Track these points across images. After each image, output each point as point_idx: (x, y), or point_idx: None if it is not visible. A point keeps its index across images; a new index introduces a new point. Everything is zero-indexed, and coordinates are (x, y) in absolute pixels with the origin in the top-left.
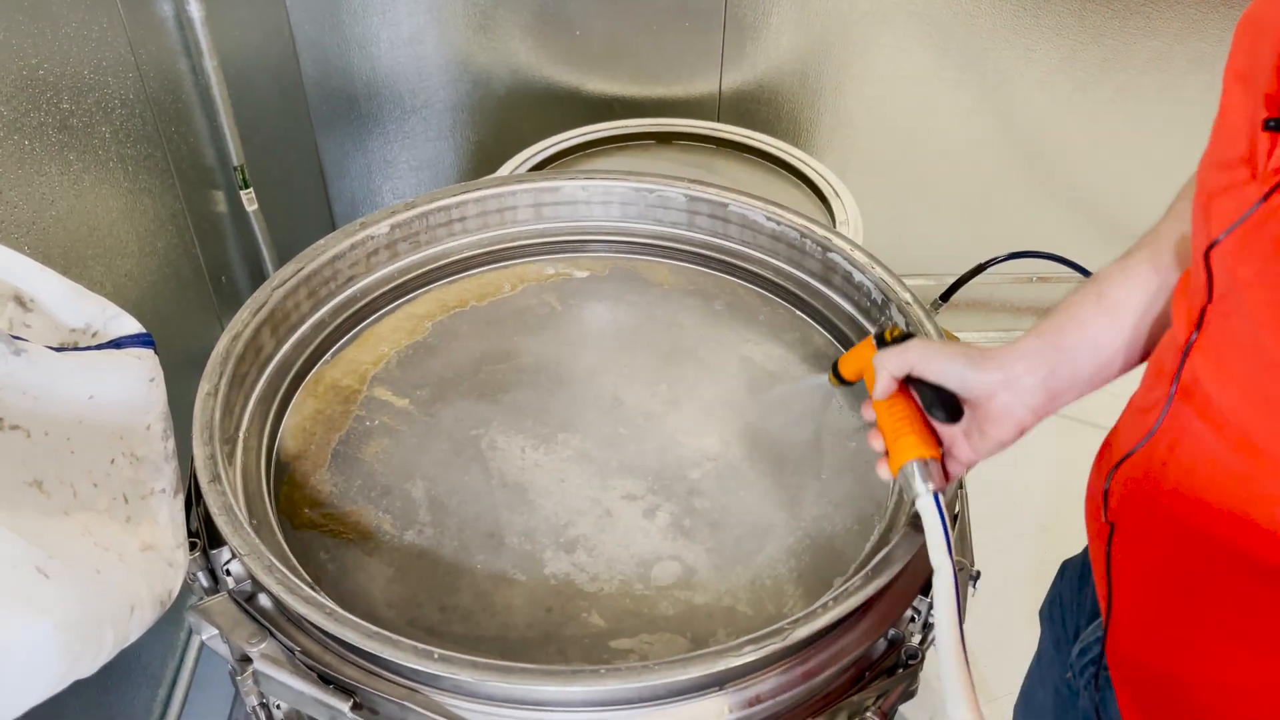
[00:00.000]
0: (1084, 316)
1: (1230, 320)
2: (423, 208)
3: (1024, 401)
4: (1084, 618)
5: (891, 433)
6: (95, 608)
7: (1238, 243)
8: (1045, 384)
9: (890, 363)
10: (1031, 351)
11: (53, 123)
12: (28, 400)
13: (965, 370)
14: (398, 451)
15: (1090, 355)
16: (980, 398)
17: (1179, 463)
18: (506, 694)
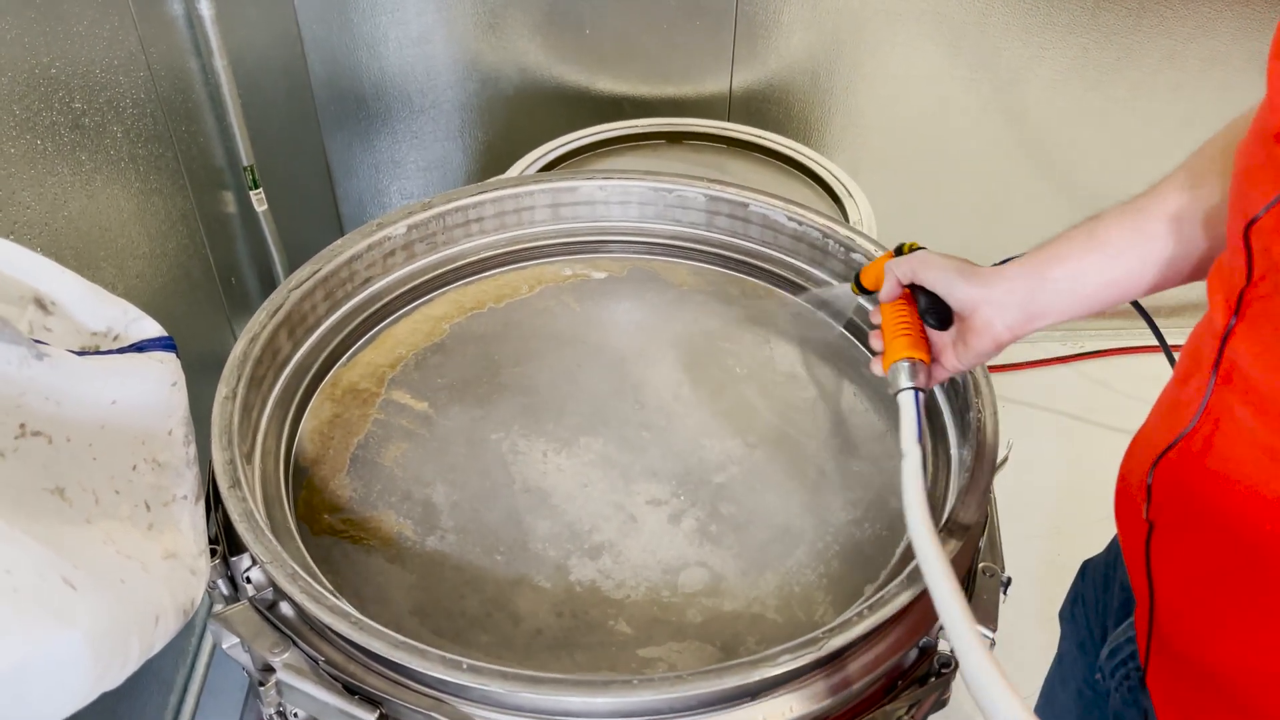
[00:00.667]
0: (1071, 252)
1: (1271, 302)
2: (440, 208)
3: (1002, 319)
4: (1111, 618)
5: (889, 334)
6: (121, 618)
7: (1277, 219)
8: (1024, 306)
9: (898, 268)
10: (1016, 275)
11: (65, 122)
12: (50, 406)
13: (955, 280)
14: (417, 455)
15: (1070, 287)
16: (966, 309)
17: (1222, 452)
18: (536, 705)
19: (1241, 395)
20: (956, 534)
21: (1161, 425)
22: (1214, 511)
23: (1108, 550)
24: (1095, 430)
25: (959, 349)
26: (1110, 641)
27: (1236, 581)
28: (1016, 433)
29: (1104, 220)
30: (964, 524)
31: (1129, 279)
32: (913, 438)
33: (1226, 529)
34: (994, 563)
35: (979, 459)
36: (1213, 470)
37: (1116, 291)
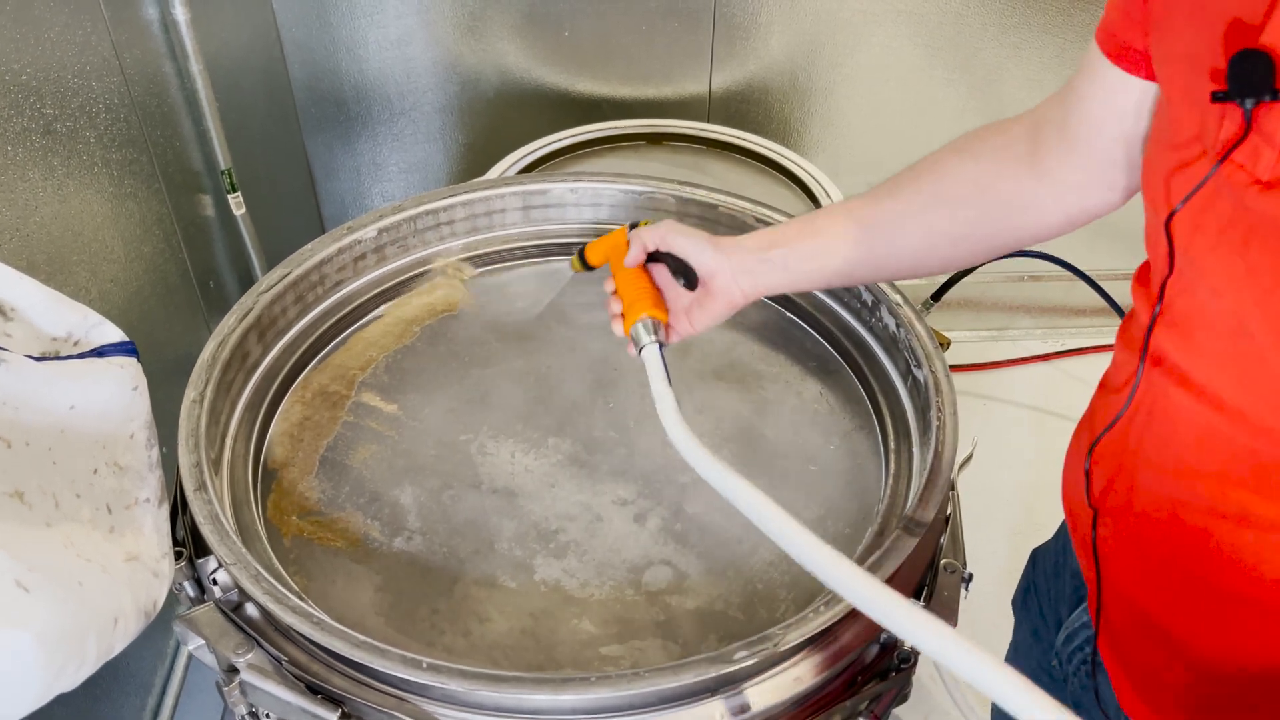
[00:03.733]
0: (790, 236)
1: (1193, 290)
2: (410, 211)
3: (738, 284)
4: (1065, 605)
5: (630, 297)
6: (78, 620)
7: (1196, 212)
8: (753, 275)
9: (648, 235)
10: (750, 248)
11: (36, 128)
12: (8, 411)
13: (705, 247)
14: (386, 457)
15: (785, 264)
16: (708, 273)
17: (1157, 433)
18: (496, 703)
19: (1170, 377)
20: (914, 531)
21: (1099, 411)
22: (1152, 492)
23: (1056, 538)
24: (1059, 422)
25: (695, 313)
26: (1065, 628)
27: (1179, 559)
28: (996, 430)
29: (824, 211)
30: (922, 521)
31: (841, 266)
32: (662, 380)
33: (1166, 507)
34: (955, 559)
35: (939, 457)
36: (1148, 451)
37: (828, 273)
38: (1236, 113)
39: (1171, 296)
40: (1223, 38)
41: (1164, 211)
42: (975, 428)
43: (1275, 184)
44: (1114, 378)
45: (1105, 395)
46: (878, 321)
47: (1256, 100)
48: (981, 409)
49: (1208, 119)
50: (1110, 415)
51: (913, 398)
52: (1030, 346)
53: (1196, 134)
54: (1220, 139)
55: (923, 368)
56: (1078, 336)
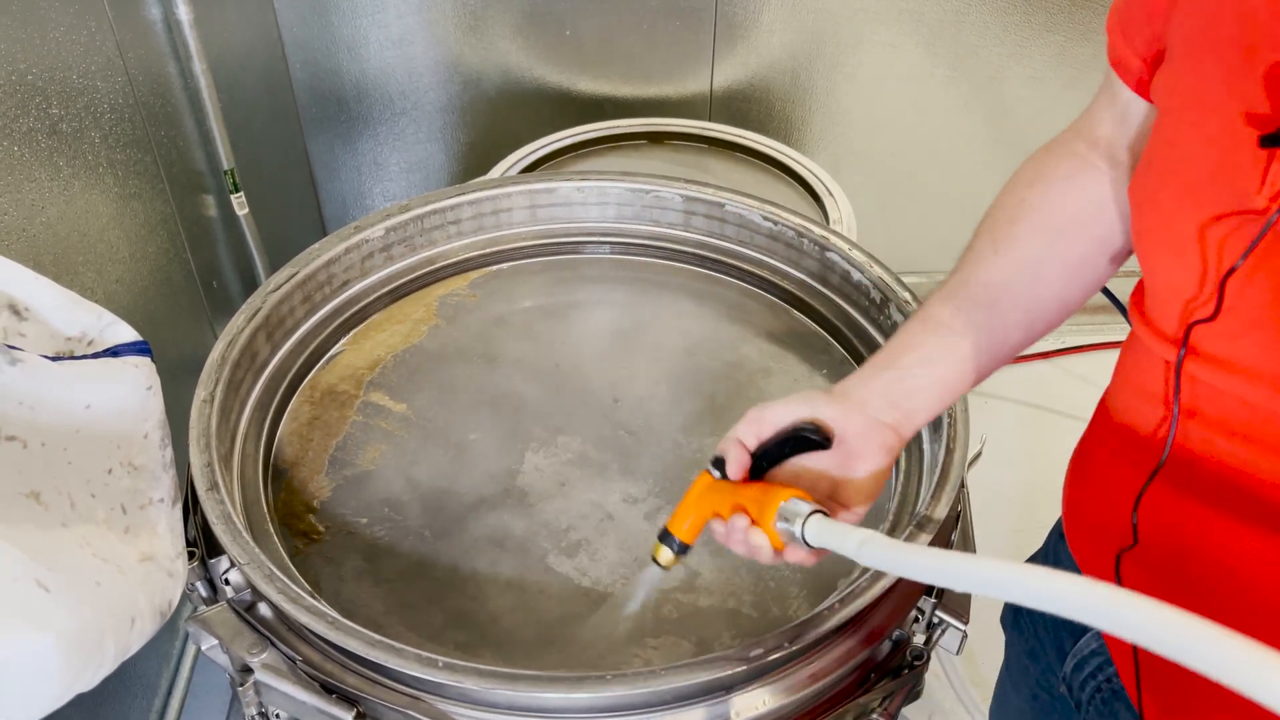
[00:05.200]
0: (912, 339)
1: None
2: (417, 210)
3: (881, 420)
4: (1064, 628)
5: (756, 503)
6: (96, 621)
7: (1251, 264)
8: (890, 398)
9: (744, 430)
10: (869, 375)
11: (42, 128)
12: (24, 411)
13: (817, 401)
14: (395, 456)
15: (926, 371)
16: (839, 424)
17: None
18: (512, 701)
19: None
20: (927, 528)
21: (1126, 461)
22: (1195, 538)
23: (1044, 559)
24: (1077, 425)
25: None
26: (1074, 655)
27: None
28: (999, 428)
29: (930, 303)
30: (935, 518)
31: (976, 348)
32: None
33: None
34: None
35: (950, 454)
36: (1185, 491)
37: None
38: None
39: (1204, 338)
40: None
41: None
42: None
43: None
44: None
45: (1128, 439)
46: (886, 319)
47: None
48: (983, 407)
49: (1243, 160)
50: (1146, 465)
51: None
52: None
53: (1219, 173)
54: (1272, 185)
55: None
56: (1078, 334)
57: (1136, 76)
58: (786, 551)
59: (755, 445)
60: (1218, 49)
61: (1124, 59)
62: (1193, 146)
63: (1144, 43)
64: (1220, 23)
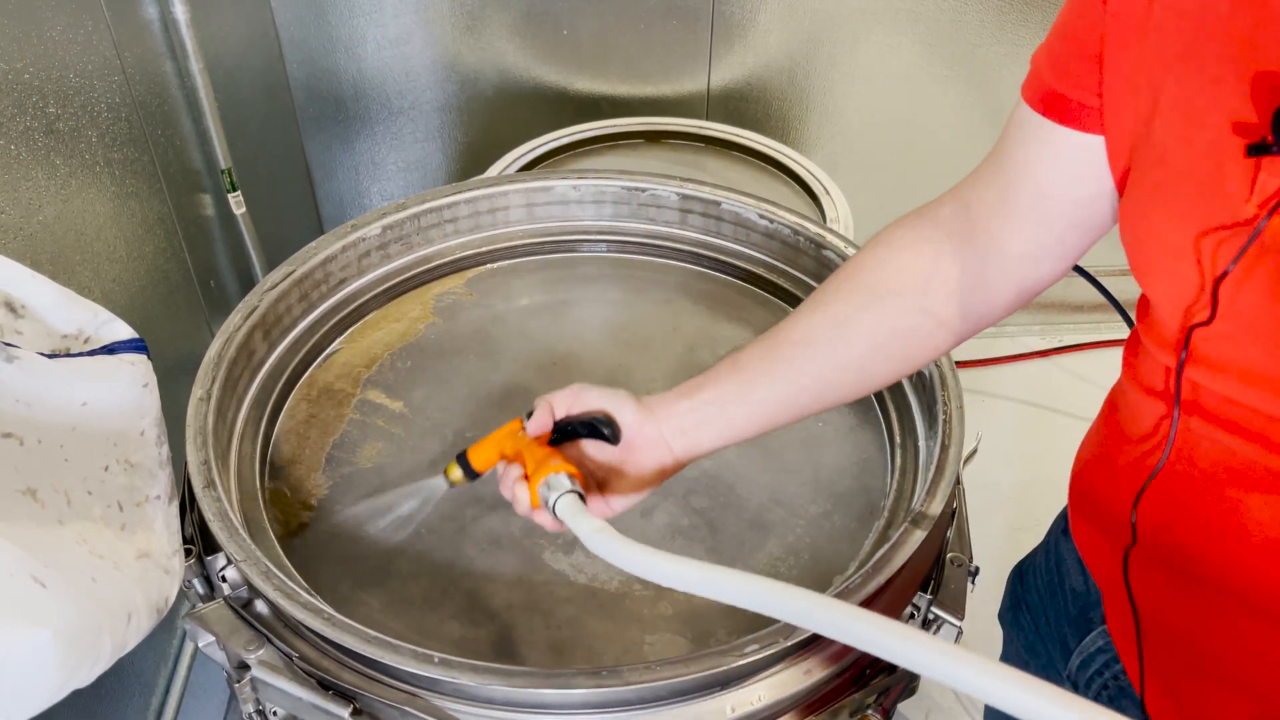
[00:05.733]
0: (718, 378)
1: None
2: (414, 209)
3: (669, 445)
4: (1068, 625)
5: (534, 463)
6: (92, 617)
7: (1242, 268)
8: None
9: (557, 399)
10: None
11: (39, 127)
12: (21, 408)
13: (626, 402)
14: (392, 454)
15: (719, 410)
16: (633, 433)
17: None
18: (507, 697)
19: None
20: (922, 525)
21: (1129, 461)
22: (1197, 536)
23: (1046, 554)
24: (1074, 423)
25: (615, 484)
26: (1079, 652)
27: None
28: (997, 427)
29: (746, 349)
30: (930, 515)
31: (782, 396)
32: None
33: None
34: (962, 553)
35: (945, 451)
36: (1194, 496)
37: (769, 409)
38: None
39: (1202, 341)
40: (1250, 91)
41: (1207, 271)
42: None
43: None
44: (1136, 424)
45: (1130, 441)
46: None
47: None
48: (979, 405)
49: (1231, 170)
50: (1148, 464)
51: (918, 392)
52: (1028, 343)
53: (1209, 185)
54: (1261, 193)
55: None
56: (1075, 332)
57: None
58: (537, 513)
59: (561, 415)
60: (1203, 65)
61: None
62: (1183, 161)
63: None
64: (1204, 39)
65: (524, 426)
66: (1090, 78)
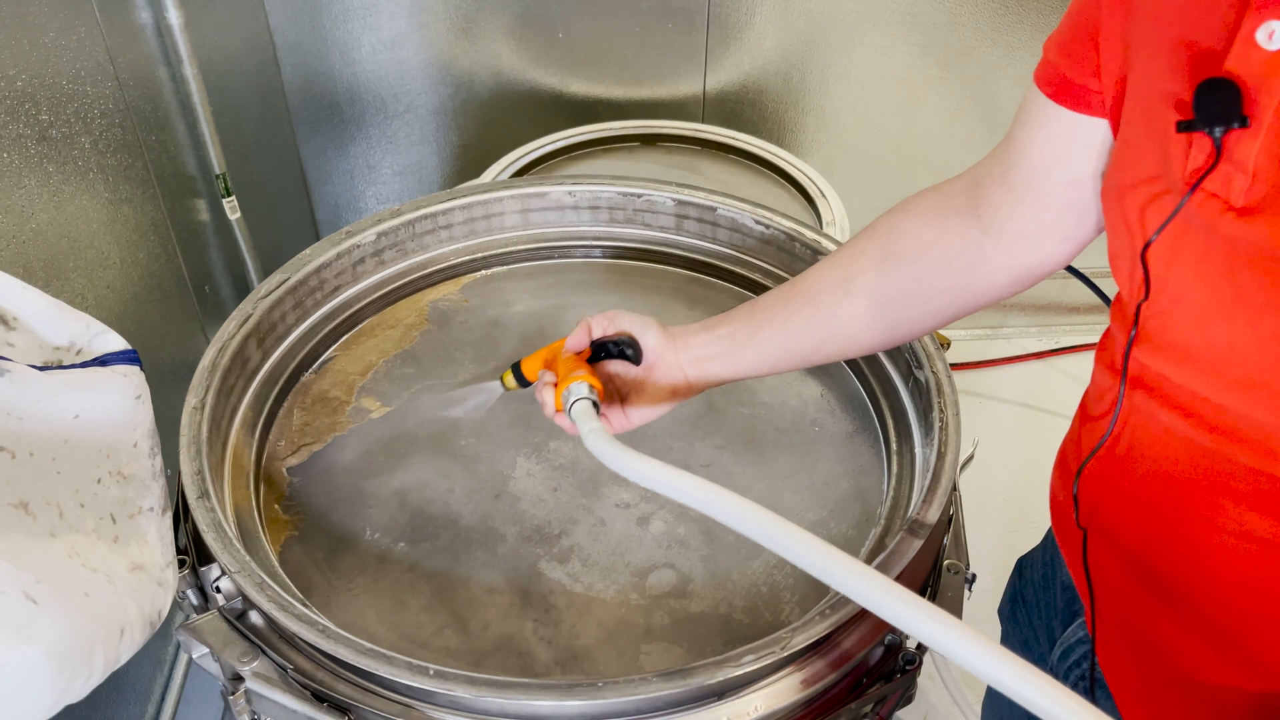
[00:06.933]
0: (736, 316)
1: (1171, 314)
2: (409, 215)
3: (683, 370)
4: (1056, 618)
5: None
6: (85, 632)
7: (1173, 240)
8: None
9: (595, 320)
10: (696, 329)
11: (31, 134)
12: (12, 421)
13: (652, 328)
14: (387, 463)
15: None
16: (654, 355)
17: (1146, 455)
18: (503, 709)
19: (1157, 401)
20: (919, 533)
21: (1081, 437)
22: (1144, 507)
23: (1044, 549)
24: (1053, 419)
25: (634, 398)
26: (1061, 644)
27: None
28: (993, 429)
29: (765, 295)
30: (926, 523)
31: (786, 341)
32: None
33: (1160, 528)
34: (959, 559)
35: (941, 459)
36: (1137, 473)
37: (775, 352)
38: (1205, 141)
39: (1147, 319)
40: (1185, 67)
41: (1139, 241)
42: (970, 426)
43: (1251, 210)
44: (1095, 403)
45: (1087, 420)
46: None
47: (1226, 128)
48: (976, 407)
49: (1172, 149)
50: (1095, 439)
51: (914, 399)
52: (1025, 344)
53: (1160, 164)
54: (1189, 168)
55: (924, 369)
56: (1072, 334)
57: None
58: (559, 416)
59: (598, 335)
60: (1159, 47)
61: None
62: (1142, 142)
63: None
64: (1161, 21)
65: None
66: (1088, 59)
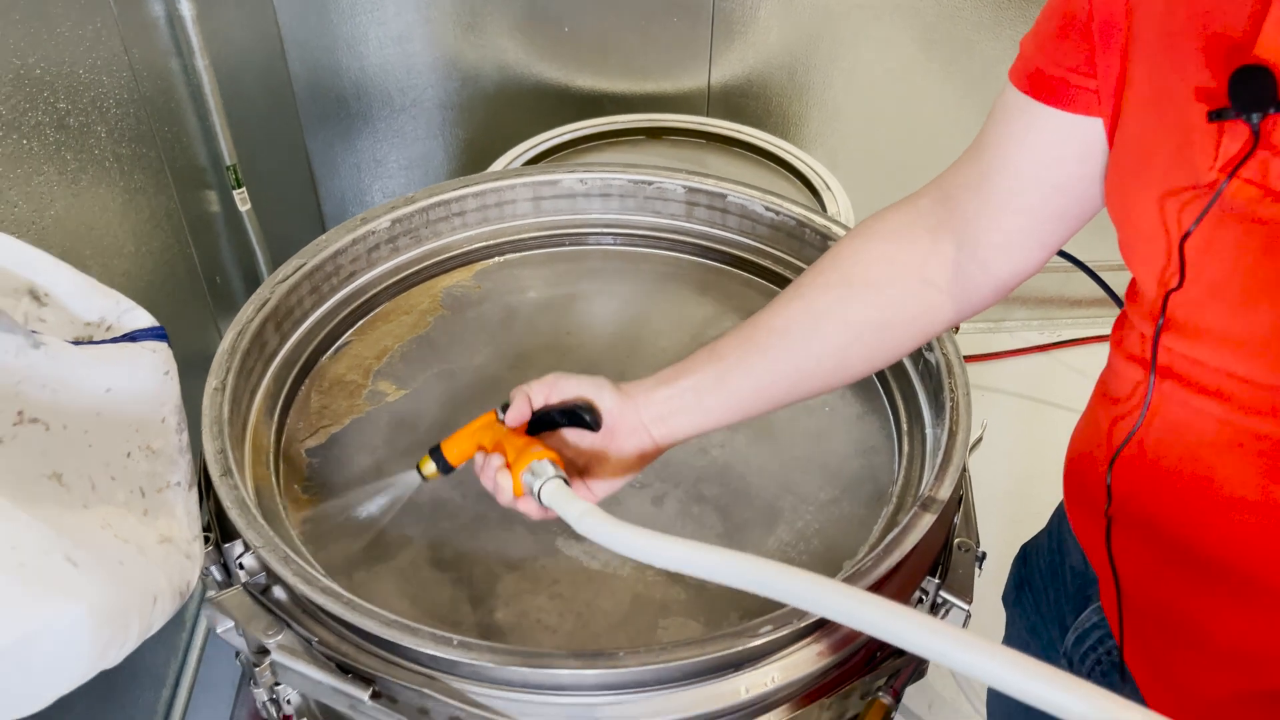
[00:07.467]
0: (696, 365)
1: (1207, 302)
2: (423, 202)
3: (648, 431)
4: (1067, 603)
5: (515, 452)
6: (122, 597)
7: (1207, 230)
8: (666, 421)
9: (534, 389)
10: (654, 384)
11: (50, 122)
12: (47, 393)
13: (605, 388)
14: (403, 444)
15: (696, 398)
16: (613, 419)
17: (1178, 439)
18: (525, 679)
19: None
20: (932, 508)
21: (1102, 423)
22: (1172, 492)
23: (1049, 535)
24: (1073, 416)
25: (596, 470)
26: (1075, 629)
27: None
28: (996, 421)
29: (725, 337)
30: (939, 499)
31: (756, 385)
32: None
33: (1186, 504)
34: (969, 538)
35: (953, 437)
36: (1169, 459)
37: (743, 398)
38: (1240, 130)
39: (1176, 307)
40: (1209, 57)
41: (1174, 234)
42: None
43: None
44: (1117, 389)
45: (1110, 407)
46: None
47: (1263, 114)
48: (979, 399)
49: (1197, 138)
50: (1124, 431)
51: (924, 381)
52: (1028, 338)
53: (1177, 156)
54: (1222, 157)
55: (934, 351)
56: (1074, 327)
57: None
58: (521, 501)
59: (540, 404)
60: (1173, 39)
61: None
62: (1155, 135)
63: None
64: (1171, 11)
65: (499, 417)
66: (1077, 54)
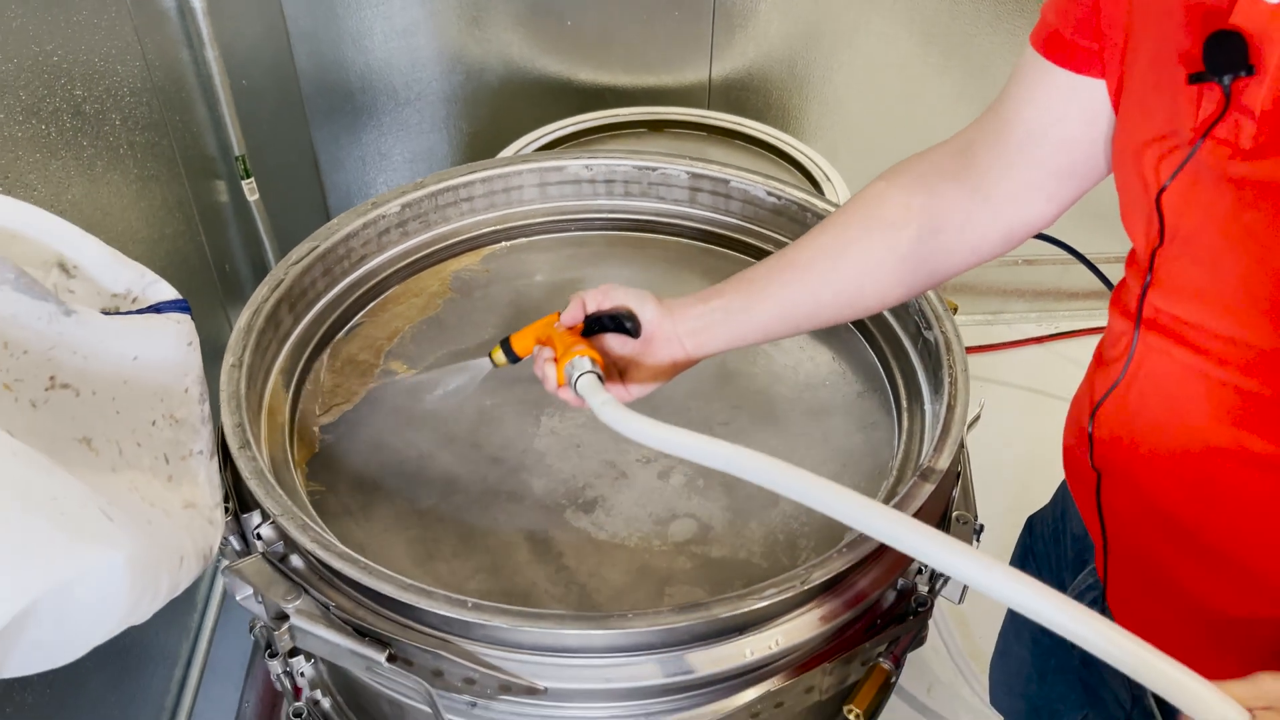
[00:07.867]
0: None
1: (1184, 257)
2: (432, 187)
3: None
4: (1067, 569)
5: (564, 348)
6: (153, 553)
7: (1184, 187)
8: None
9: (589, 295)
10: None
11: (67, 108)
12: (78, 360)
13: (648, 300)
14: (415, 421)
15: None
16: (651, 327)
17: (1157, 390)
18: (537, 641)
19: (1170, 339)
20: (931, 478)
21: (1095, 380)
22: (1155, 448)
23: (1054, 505)
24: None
25: (633, 373)
26: (1071, 590)
27: (1185, 510)
28: (993, 411)
29: (756, 266)
30: (938, 469)
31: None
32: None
33: (1169, 461)
34: (967, 510)
35: (951, 411)
36: (1149, 410)
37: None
38: (1215, 92)
39: (1161, 264)
40: (1193, 24)
41: (1153, 190)
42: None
43: (1257, 152)
44: (1109, 347)
45: (1102, 365)
46: None
47: (1234, 77)
48: (978, 390)
49: (1181, 101)
50: (1109, 381)
51: (923, 359)
52: (1026, 329)
53: (1169, 118)
54: (1200, 117)
55: (933, 329)
56: (1072, 319)
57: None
58: (562, 390)
59: (592, 309)
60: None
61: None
62: (1151, 98)
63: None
64: None
65: (559, 320)
66: (1088, 21)
